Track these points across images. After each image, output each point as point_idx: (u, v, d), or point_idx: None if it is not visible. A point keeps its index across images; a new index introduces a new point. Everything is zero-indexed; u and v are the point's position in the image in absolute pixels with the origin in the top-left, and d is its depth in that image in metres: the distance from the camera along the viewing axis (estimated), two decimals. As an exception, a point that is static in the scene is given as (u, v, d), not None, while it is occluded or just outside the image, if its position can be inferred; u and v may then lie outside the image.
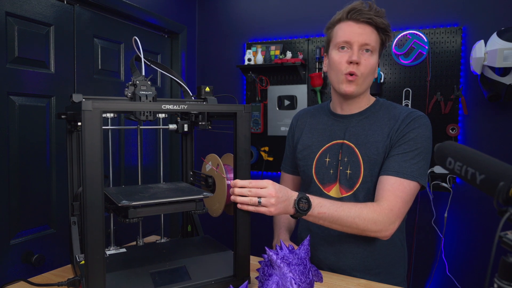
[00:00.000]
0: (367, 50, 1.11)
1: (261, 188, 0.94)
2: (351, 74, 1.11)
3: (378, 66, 1.17)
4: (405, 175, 1.06)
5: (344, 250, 1.17)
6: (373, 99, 1.23)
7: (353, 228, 1.04)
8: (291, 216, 1.01)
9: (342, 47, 1.13)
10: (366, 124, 1.18)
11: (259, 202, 0.94)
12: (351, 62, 1.11)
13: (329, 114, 1.26)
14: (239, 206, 0.96)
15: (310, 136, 1.27)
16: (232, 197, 0.97)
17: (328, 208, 1.01)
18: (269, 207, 0.94)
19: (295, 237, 1.38)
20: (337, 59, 1.13)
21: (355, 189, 1.15)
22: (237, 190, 0.95)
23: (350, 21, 1.12)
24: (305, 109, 1.38)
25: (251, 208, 0.95)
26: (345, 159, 1.16)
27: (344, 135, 1.19)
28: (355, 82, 1.12)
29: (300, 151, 1.28)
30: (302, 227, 1.32)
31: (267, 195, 0.94)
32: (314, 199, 1.01)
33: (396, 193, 1.06)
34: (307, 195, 1.00)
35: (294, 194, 0.99)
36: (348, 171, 1.16)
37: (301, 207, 0.98)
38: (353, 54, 1.10)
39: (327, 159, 1.20)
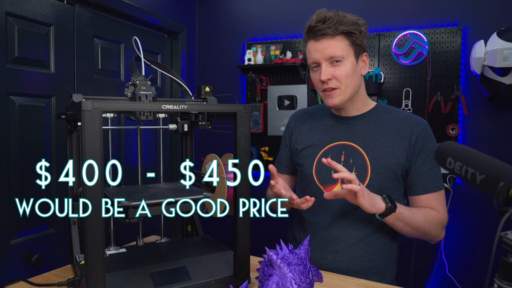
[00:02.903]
0: (337, 61, 1.11)
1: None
2: (327, 89, 1.14)
3: (367, 61, 1.20)
4: (440, 186, 1.16)
5: (341, 250, 1.18)
6: (373, 102, 1.24)
7: (420, 231, 1.11)
8: (380, 215, 1.04)
9: (315, 67, 1.16)
10: (371, 127, 1.19)
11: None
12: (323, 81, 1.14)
13: (330, 115, 1.27)
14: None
15: (310, 136, 1.26)
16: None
17: (405, 209, 1.08)
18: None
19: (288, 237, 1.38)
20: (313, 78, 1.18)
21: None
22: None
23: (311, 40, 1.14)
24: (303, 109, 1.38)
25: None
26: (350, 161, 1.17)
27: (348, 136, 1.19)
28: (336, 93, 1.14)
29: (299, 150, 1.28)
30: (297, 227, 1.31)
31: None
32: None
33: (442, 203, 1.16)
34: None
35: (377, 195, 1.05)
36: (354, 173, 1.16)
37: (391, 202, 1.04)
38: (320, 73, 1.12)
39: None
